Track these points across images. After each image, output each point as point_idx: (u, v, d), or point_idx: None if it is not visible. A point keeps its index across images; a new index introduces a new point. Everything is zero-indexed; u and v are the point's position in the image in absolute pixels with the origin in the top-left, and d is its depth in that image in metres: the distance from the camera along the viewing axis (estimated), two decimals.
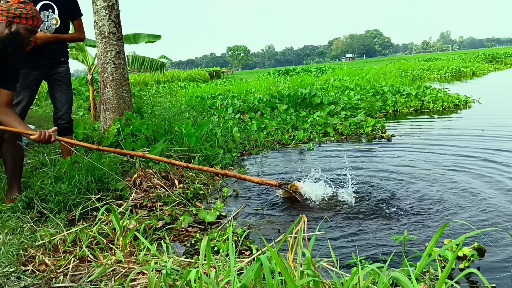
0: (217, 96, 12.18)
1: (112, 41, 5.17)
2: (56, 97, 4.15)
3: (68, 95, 4.19)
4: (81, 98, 13.06)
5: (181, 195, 3.66)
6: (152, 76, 30.60)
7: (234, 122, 7.18)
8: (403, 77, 16.58)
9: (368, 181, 3.99)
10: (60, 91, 4.15)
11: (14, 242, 2.66)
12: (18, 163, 3.34)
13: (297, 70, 32.72)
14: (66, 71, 4.22)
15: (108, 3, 5.09)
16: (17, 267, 2.43)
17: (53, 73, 4.10)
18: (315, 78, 19.48)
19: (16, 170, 3.34)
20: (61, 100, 4.15)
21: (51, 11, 4.00)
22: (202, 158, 4.76)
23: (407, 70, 21.20)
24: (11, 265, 2.44)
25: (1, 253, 2.55)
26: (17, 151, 3.32)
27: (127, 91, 5.36)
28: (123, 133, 4.83)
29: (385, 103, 9.14)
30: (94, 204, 3.28)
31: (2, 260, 2.47)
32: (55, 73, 4.11)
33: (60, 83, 4.14)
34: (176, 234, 2.96)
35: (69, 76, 4.25)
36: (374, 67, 26.02)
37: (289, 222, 3.13)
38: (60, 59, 4.16)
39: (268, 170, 4.69)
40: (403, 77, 16.52)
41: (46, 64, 4.03)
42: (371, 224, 2.97)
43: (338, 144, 5.91)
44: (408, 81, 13.71)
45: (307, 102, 8.81)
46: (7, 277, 2.33)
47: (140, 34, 7.91)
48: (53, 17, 4.01)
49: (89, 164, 3.66)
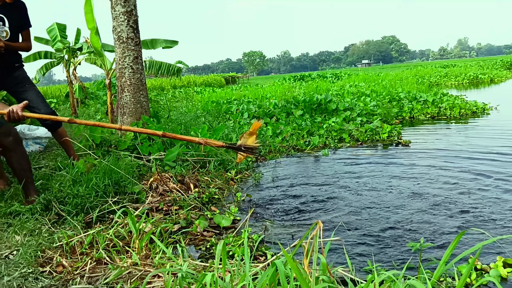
0: (232, 101, 12.23)
1: (130, 46, 5.24)
2: (25, 97, 4.10)
3: (35, 91, 4.18)
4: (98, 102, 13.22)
5: (197, 199, 3.68)
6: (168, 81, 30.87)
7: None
8: (420, 83, 16.44)
9: (384, 187, 3.97)
10: (25, 92, 4.14)
11: (32, 243, 2.71)
12: (25, 167, 3.37)
13: (312, 76, 32.68)
14: (22, 73, 4.22)
15: (126, 8, 5.16)
16: (35, 268, 2.47)
17: (10, 80, 4.11)
18: (330, 84, 19.44)
19: (26, 174, 3.38)
20: (32, 99, 4.11)
21: (1, 24, 3.99)
22: (217, 162, 4.78)
23: (424, 77, 21.01)
24: (29, 266, 2.48)
25: (19, 254, 2.60)
26: (22, 157, 3.35)
27: (144, 96, 5.42)
28: (140, 137, 4.88)
29: (401, 110, 9.07)
30: (111, 207, 3.32)
31: (20, 261, 2.52)
32: (11, 79, 4.11)
33: (21, 84, 4.15)
34: (191, 238, 2.98)
35: (26, 75, 4.25)
36: (391, 73, 25.84)
37: (303, 227, 3.13)
38: (15, 65, 4.16)
39: (282, 175, 4.69)
40: (419, 83, 16.38)
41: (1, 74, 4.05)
42: (387, 230, 2.95)
43: (354, 150, 5.88)
44: (425, 88, 13.59)
45: (323, 107, 8.79)
46: (25, 278, 2.36)
47: (158, 40, 7.99)
48: (3, 30, 4.01)
49: (107, 167, 3.71)
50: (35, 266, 2.49)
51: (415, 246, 2.17)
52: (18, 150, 3.33)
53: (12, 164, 3.36)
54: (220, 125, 6.40)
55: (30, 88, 4.17)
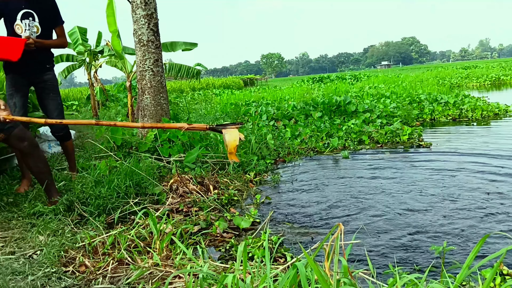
0: (251, 103, 12.25)
1: (151, 49, 5.30)
2: (45, 105, 4.21)
3: (56, 101, 4.23)
4: (119, 104, 13.39)
5: (216, 201, 3.70)
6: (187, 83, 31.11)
7: (268, 129, 7.21)
8: (441, 85, 16.21)
9: (405, 190, 3.93)
10: (47, 99, 4.20)
11: (55, 243, 2.76)
12: (43, 169, 3.40)
13: (331, 78, 32.56)
14: (52, 78, 4.26)
15: (147, 12, 5.23)
16: (58, 268, 2.51)
17: (39, 81, 4.15)
18: (350, 85, 19.32)
19: (45, 176, 3.42)
20: (50, 108, 4.20)
21: (31, 19, 4.01)
22: (236, 164, 4.79)
23: (444, 78, 20.72)
24: (52, 266, 2.52)
25: (43, 254, 2.65)
26: (39, 160, 3.37)
27: (165, 98, 5.48)
28: (160, 139, 4.93)
29: (422, 112, 8.96)
30: (132, 208, 3.36)
31: (44, 261, 2.57)
32: (41, 81, 4.16)
33: (47, 91, 4.20)
34: (211, 239, 2.99)
35: (55, 83, 4.29)
36: (411, 75, 25.56)
37: (322, 230, 3.11)
38: (46, 66, 4.20)
39: (301, 177, 4.68)
40: (440, 85, 16.16)
41: (32, 71, 4.09)
42: (409, 233, 2.91)
43: (374, 152, 5.83)
44: (445, 89, 13.40)
45: (342, 109, 8.74)
46: (49, 278, 2.41)
47: (177, 42, 8.07)
48: (34, 25, 4.03)
49: (128, 168, 3.76)
50: (58, 266, 2.53)
51: (438, 249, 2.14)
52: (35, 154, 3.35)
53: (31, 167, 3.41)
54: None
55: (54, 98, 4.23)
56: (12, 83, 4.03)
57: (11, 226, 3.19)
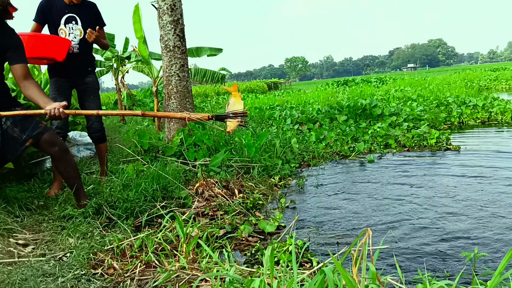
0: (275, 107, 12.26)
1: (177, 54, 5.37)
2: (85, 106, 4.33)
3: (96, 104, 4.34)
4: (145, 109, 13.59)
5: (241, 205, 3.71)
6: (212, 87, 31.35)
7: (292, 133, 7.19)
8: (469, 87, 15.86)
9: (434, 195, 3.86)
10: (88, 101, 4.32)
11: (85, 246, 2.81)
12: (73, 174, 3.44)
13: (356, 81, 32.28)
14: (94, 81, 4.39)
15: (173, 18, 5.30)
16: (88, 270, 2.55)
17: (81, 83, 4.29)
18: (375, 88, 19.12)
19: (75, 180, 3.46)
20: (90, 110, 4.27)
21: (74, 23, 4.18)
22: (261, 168, 4.80)
23: (473, 81, 20.27)
24: (82, 268, 2.57)
25: (73, 256, 2.70)
26: (68, 165, 3.41)
27: (190, 103, 5.54)
28: (186, 143, 4.98)
29: (449, 115, 8.79)
30: (159, 211, 3.40)
31: (73, 263, 2.62)
32: (83, 83, 4.29)
33: (88, 93, 4.32)
34: (236, 243, 3.00)
35: (97, 86, 4.41)
36: (438, 77, 25.12)
37: (348, 235, 3.08)
38: (88, 69, 4.33)
39: (327, 181, 4.65)
40: (468, 87, 15.81)
41: (75, 74, 4.22)
42: (439, 239, 2.86)
43: (401, 156, 5.75)
44: (474, 92, 13.11)
45: (368, 113, 8.65)
46: (78, 280, 2.45)
47: (203, 48, 8.14)
48: (77, 28, 4.19)
49: (155, 172, 3.81)
50: (88, 268, 2.58)
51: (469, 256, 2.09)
52: (65, 159, 3.40)
53: (61, 171, 3.47)
54: (263, 131, 6.43)
55: (94, 100, 4.34)
56: (56, 87, 4.20)
57: (41, 228, 3.27)
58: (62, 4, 4.15)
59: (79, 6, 4.22)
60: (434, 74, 36.63)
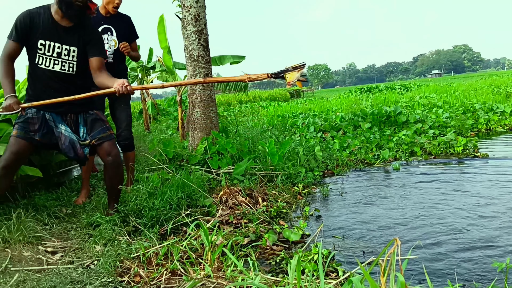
0: (298, 115, 12.23)
1: (201, 64, 5.42)
2: (116, 115, 4.43)
3: (126, 113, 4.43)
4: (169, 118, 13.74)
5: (265, 213, 3.71)
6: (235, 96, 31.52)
7: (316, 141, 7.16)
8: (496, 93, 15.48)
9: (463, 203, 3.77)
10: (118, 109, 4.42)
11: (111, 253, 2.85)
12: (115, 186, 3.51)
13: (380, 88, 31.95)
14: None
15: (197, 28, 5.36)
16: (114, 278, 2.59)
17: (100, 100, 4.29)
18: (399, 95, 18.87)
19: (115, 192, 3.54)
20: (120, 118, 4.42)
21: (110, 34, 4.34)
22: (284, 176, 4.79)
23: (500, 87, 19.77)
24: (109, 276, 2.60)
25: (100, 263, 2.74)
26: (114, 176, 3.48)
27: (214, 112, 5.58)
28: (210, 151, 5.01)
29: (476, 121, 8.61)
30: (183, 219, 3.42)
31: (101, 271, 2.66)
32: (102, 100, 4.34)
33: (119, 101, 4.40)
34: (261, 252, 2.99)
35: (128, 95, 4.48)
36: (463, 84, 24.62)
37: (374, 244, 3.04)
38: (120, 77, 4.36)
39: (351, 190, 4.60)
40: (495, 93, 15.43)
41: None
42: (469, 249, 2.79)
43: (427, 164, 5.65)
44: (501, 98, 12.79)
45: (392, 120, 8.55)
46: (105, 287, 2.49)
47: (226, 56, 8.20)
48: (112, 39, 4.35)
49: (180, 181, 3.84)
50: (114, 276, 2.61)
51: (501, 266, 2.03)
52: (113, 171, 3.46)
53: (105, 179, 3.55)
54: (286, 139, 6.43)
55: (125, 109, 4.45)
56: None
57: (69, 236, 3.34)
58: (99, 16, 4.32)
59: (115, 18, 4.38)
60: (459, 80, 35.95)
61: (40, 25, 3.22)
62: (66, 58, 3.31)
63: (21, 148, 3.20)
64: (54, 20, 3.24)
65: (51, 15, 3.24)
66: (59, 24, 3.25)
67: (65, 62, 3.31)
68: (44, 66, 3.29)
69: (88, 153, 3.48)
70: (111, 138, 3.48)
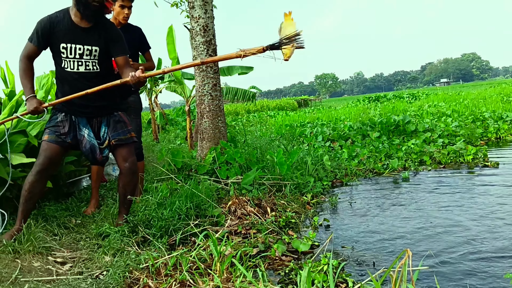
0: (306, 124, 12.22)
1: (209, 74, 5.45)
2: None
3: (135, 123, 4.45)
4: (178, 128, 13.79)
5: (274, 223, 3.69)
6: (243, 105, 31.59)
7: (324, 150, 7.14)
8: (506, 102, 15.37)
9: (474, 213, 3.73)
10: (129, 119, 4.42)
11: (120, 264, 2.85)
12: (127, 194, 3.53)
13: (388, 96, 31.88)
14: (136, 100, 4.51)
15: (206, 38, 5.40)
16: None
17: (124, 102, 4.39)
18: (408, 104, 18.81)
19: (125, 200, 3.54)
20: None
21: None
22: (293, 186, 4.77)
23: (509, 95, 19.61)
24: (118, 286, 2.60)
25: (109, 274, 2.74)
26: (128, 184, 3.51)
27: (222, 121, 5.59)
28: (218, 161, 5.02)
29: (486, 130, 8.54)
30: (192, 229, 3.42)
31: (110, 281, 2.65)
32: (125, 102, 4.41)
33: (129, 111, 4.39)
34: (270, 262, 2.98)
35: (138, 106, 4.54)
36: (472, 92, 24.51)
37: (384, 255, 3.01)
38: (131, 88, 4.42)
39: (361, 199, 4.57)
40: (505, 102, 15.33)
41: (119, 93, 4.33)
42: (480, 260, 2.76)
43: (437, 173, 5.61)
44: (511, 106, 12.71)
45: (401, 129, 8.51)
46: None
47: (234, 67, 8.24)
48: None
49: (188, 191, 3.84)
50: (124, 286, 2.60)
51: None
52: (128, 178, 3.50)
53: (119, 186, 3.57)
54: (294, 148, 6.41)
55: (134, 119, 4.46)
56: None
57: (79, 246, 3.34)
58: None
59: (125, 29, 4.41)
60: (468, 89, 35.78)
61: (61, 29, 3.28)
62: (89, 58, 3.35)
63: (54, 152, 3.28)
64: (73, 22, 3.29)
65: (70, 18, 3.30)
66: (78, 26, 3.30)
67: (88, 61, 3.36)
68: (70, 69, 3.35)
69: (108, 154, 3.52)
70: (130, 142, 3.54)
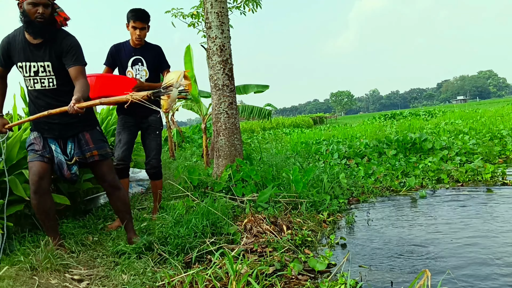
0: (321, 141, 12.18)
1: (226, 92, 5.51)
2: (146, 143, 4.55)
3: (156, 142, 4.54)
4: (194, 145, 13.87)
5: (290, 241, 3.67)
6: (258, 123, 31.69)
7: (340, 168, 7.11)
8: None
9: (494, 231, 3.66)
10: (149, 138, 4.54)
11: (137, 282, 2.86)
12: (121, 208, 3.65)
13: (404, 114, 31.65)
14: (157, 120, 4.59)
15: (222, 58, 5.47)
16: None
17: (145, 121, 4.51)
18: (424, 121, 18.66)
19: (123, 215, 3.65)
20: (149, 147, 4.53)
21: (140, 64, 4.46)
22: (309, 204, 4.75)
23: None
24: None
25: None
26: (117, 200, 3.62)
27: (238, 139, 5.62)
28: (234, 178, 5.03)
29: (504, 148, 8.41)
30: (208, 247, 3.42)
31: None
32: (146, 121, 4.52)
33: (149, 131, 4.53)
34: (286, 281, 2.96)
35: (159, 125, 4.60)
36: (490, 109, 24.18)
37: (402, 274, 2.97)
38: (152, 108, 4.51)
39: (377, 218, 4.53)
40: None
41: (140, 113, 4.40)
42: (500, 276, 2.70)
43: (454, 192, 5.53)
44: None
45: (417, 147, 8.43)
46: None
47: (250, 85, 8.30)
48: (142, 69, 4.47)
49: (204, 208, 3.86)
50: None
51: None
52: (114, 195, 3.60)
53: (112, 205, 3.70)
54: (310, 166, 6.40)
55: (154, 138, 4.56)
56: (122, 123, 4.50)
57: (96, 264, 3.36)
58: (129, 48, 4.48)
59: (144, 48, 4.52)
60: (485, 106, 35.34)
61: (16, 48, 3.28)
62: (44, 75, 3.30)
63: (38, 167, 3.28)
64: (26, 40, 3.26)
65: (24, 36, 3.27)
66: (30, 43, 3.26)
67: (43, 78, 3.31)
68: (30, 88, 3.37)
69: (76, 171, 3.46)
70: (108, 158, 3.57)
